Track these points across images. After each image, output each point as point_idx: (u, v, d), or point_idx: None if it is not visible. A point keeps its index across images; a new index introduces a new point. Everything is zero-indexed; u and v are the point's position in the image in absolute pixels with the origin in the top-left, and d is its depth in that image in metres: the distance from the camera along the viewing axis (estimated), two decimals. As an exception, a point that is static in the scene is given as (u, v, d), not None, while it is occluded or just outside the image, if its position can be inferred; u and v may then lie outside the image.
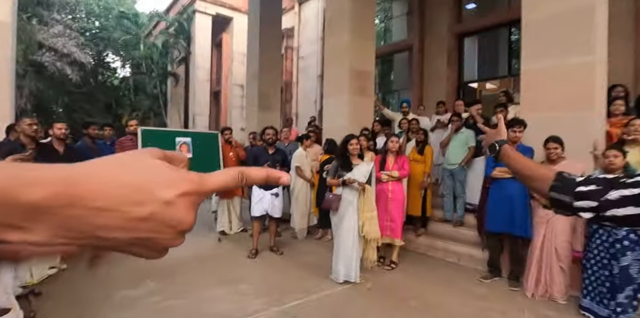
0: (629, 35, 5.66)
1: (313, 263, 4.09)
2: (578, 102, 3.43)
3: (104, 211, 0.25)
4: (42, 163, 0.25)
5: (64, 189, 0.23)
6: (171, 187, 0.27)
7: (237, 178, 0.31)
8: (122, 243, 0.27)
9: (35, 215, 0.23)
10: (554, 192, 0.84)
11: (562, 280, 3.16)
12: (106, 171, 0.26)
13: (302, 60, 12.04)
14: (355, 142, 3.58)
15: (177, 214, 0.27)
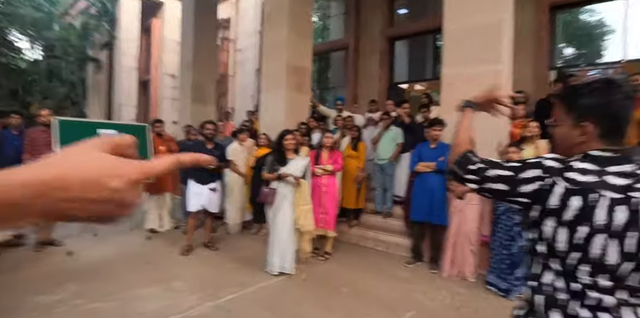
0: (531, 48, 6.52)
1: (248, 257, 4.11)
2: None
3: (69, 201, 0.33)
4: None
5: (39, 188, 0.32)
6: (119, 177, 0.35)
7: (175, 161, 0.40)
8: (81, 219, 0.35)
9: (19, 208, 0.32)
10: (455, 165, 1.07)
11: (472, 261, 3.61)
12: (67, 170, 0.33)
13: (240, 53, 11.76)
14: (290, 137, 3.66)
15: (125, 197, 0.35)
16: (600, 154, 0.92)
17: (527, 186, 0.92)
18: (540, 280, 0.94)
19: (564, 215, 0.87)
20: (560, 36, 7.34)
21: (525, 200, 0.93)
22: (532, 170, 0.93)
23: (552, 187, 0.89)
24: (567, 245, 0.88)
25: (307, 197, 3.61)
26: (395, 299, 3.18)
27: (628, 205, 0.85)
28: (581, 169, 0.89)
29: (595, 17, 11.21)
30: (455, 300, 3.20)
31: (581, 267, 0.88)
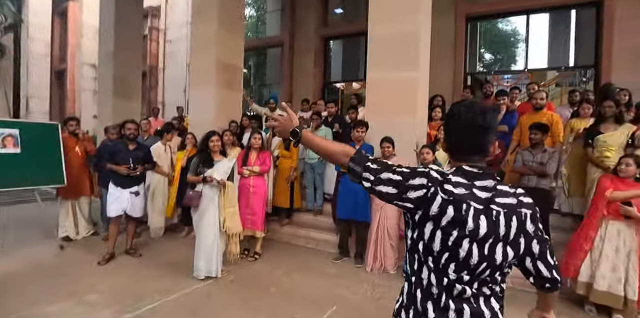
0: (449, 55, 7.09)
1: (174, 263, 3.97)
2: (406, 108, 4.18)
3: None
4: None
5: None
6: None
7: None
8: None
9: None
10: (352, 163, 1.10)
11: (393, 255, 3.88)
12: None
13: (170, 45, 11.13)
14: (215, 138, 3.60)
15: None
16: (470, 169, 1.05)
17: (414, 193, 1.01)
18: (419, 275, 1.06)
19: (441, 221, 0.99)
20: (477, 44, 8.06)
21: (410, 205, 1.02)
22: (419, 178, 1.02)
23: (434, 196, 0.99)
24: (440, 246, 1.00)
25: (233, 199, 3.58)
26: (320, 295, 3.31)
27: (489, 216, 0.99)
28: (455, 182, 1.01)
29: (508, 27, 12.46)
30: (376, 292, 3.43)
31: (450, 264, 1.01)
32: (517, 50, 10.97)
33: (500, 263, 1.01)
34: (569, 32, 7.36)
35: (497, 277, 1.04)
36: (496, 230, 0.99)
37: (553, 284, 1.10)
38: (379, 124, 4.21)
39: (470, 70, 7.66)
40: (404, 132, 4.13)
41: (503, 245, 1.00)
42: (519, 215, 1.02)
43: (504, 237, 1.00)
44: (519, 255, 1.04)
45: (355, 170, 1.09)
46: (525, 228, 1.03)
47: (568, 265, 3.08)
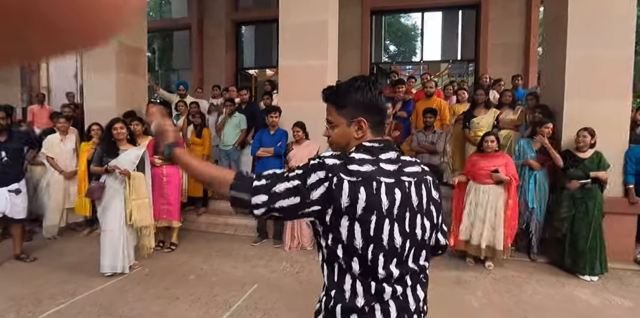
0: (357, 45, 7.53)
1: (78, 263, 3.66)
2: (316, 95, 4.37)
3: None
4: None
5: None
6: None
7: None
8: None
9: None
10: (233, 191, 0.90)
11: (308, 232, 4.15)
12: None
13: (54, 21, 9.69)
14: (119, 126, 3.37)
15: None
16: (371, 145, 0.98)
17: (317, 191, 0.89)
18: (340, 287, 0.93)
19: (357, 210, 0.88)
20: (381, 36, 8.69)
21: (318, 207, 0.90)
22: (316, 172, 0.90)
23: (340, 184, 0.88)
24: (362, 240, 0.89)
25: (142, 190, 3.40)
26: (241, 276, 3.41)
27: (402, 188, 0.94)
28: (360, 159, 0.93)
29: (409, 22, 13.59)
30: (294, 267, 3.65)
31: (379, 257, 0.90)
32: (416, 43, 12.11)
33: (421, 238, 0.97)
34: (457, 29, 8.39)
35: (422, 261, 0.99)
36: (409, 202, 0.94)
37: (444, 250, 1.12)
38: (292, 110, 4.38)
39: (376, 60, 8.26)
40: (316, 117, 4.35)
41: (421, 217, 0.97)
42: (426, 182, 1.00)
43: (418, 208, 0.96)
44: (435, 226, 1.01)
45: (241, 198, 0.90)
46: (432, 195, 1.01)
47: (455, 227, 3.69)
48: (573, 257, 3.49)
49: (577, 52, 3.85)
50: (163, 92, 6.21)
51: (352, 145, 1.00)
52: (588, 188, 3.52)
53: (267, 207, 0.90)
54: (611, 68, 3.78)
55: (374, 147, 0.98)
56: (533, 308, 2.84)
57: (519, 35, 7.06)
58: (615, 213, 3.65)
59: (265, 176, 0.93)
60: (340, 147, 1.05)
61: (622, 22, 3.78)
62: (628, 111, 3.88)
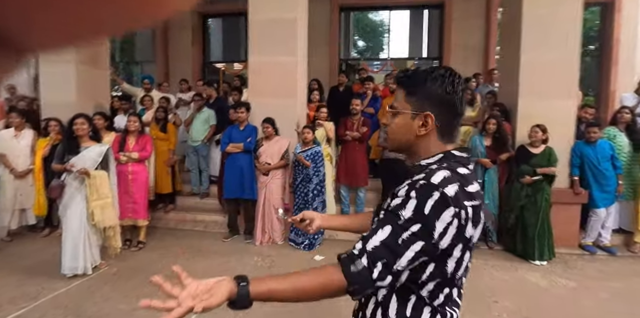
0: (325, 41, 7.58)
1: (40, 264, 3.52)
2: (286, 91, 4.45)
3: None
4: None
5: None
6: None
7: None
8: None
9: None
10: (357, 295, 0.75)
11: (279, 227, 4.21)
12: None
13: None
14: (81, 121, 3.24)
15: None
16: (461, 154, 0.82)
17: (446, 237, 0.73)
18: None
19: (472, 237, 0.76)
20: (350, 33, 8.79)
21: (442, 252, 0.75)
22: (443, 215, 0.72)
23: (467, 216, 0.73)
24: (464, 269, 0.80)
25: (104, 190, 3.26)
26: (212, 272, 3.34)
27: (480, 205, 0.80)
28: (466, 176, 0.78)
29: (377, 19, 13.78)
30: (266, 261, 3.71)
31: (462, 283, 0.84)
32: (383, 39, 12.34)
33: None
34: (423, 28, 8.63)
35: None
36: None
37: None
38: (262, 106, 4.39)
39: (344, 57, 8.35)
40: (286, 113, 4.41)
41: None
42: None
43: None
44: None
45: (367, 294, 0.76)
46: None
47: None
48: (524, 244, 3.79)
49: (529, 53, 4.13)
50: (126, 86, 5.98)
51: (419, 147, 0.84)
52: (537, 182, 3.82)
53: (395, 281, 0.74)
54: (559, 69, 4.09)
55: (464, 157, 0.82)
56: (488, 290, 3.08)
57: (479, 36, 7.40)
58: (562, 203, 3.99)
59: (377, 257, 0.72)
60: (396, 143, 0.88)
61: (569, 25, 4.09)
62: (574, 109, 4.23)
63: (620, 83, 6.66)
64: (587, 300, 2.99)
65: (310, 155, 4.02)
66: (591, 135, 3.98)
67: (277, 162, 4.11)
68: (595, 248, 4.06)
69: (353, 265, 0.72)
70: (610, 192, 3.99)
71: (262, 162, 4.10)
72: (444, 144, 0.84)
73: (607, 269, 3.63)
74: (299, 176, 4.09)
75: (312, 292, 0.74)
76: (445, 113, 0.82)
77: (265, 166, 4.08)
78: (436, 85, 0.81)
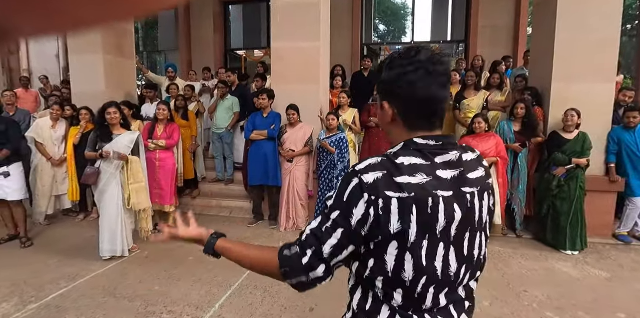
0: (347, 26, 7.43)
1: (76, 247, 3.70)
2: (309, 77, 4.40)
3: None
4: None
5: None
6: None
7: None
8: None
9: None
10: (289, 280, 0.77)
11: (304, 213, 4.25)
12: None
13: None
14: (113, 110, 3.33)
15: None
16: (425, 142, 0.76)
17: (366, 226, 0.72)
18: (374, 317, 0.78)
19: (408, 234, 0.71)
20: (371, 16, 8.56)
21: (364, 240, 0.74)
22: (357, 203, 0.72)
23: (388, 206, 0.70)
24: (413, 272, 0.72)
25: (139, 175, 3.41)
26: (238, 257, 3.50)
27: (462, 203, 0.75)
28: (410, 166, 0.73)
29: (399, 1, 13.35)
30: (290, 248, 3.77)
31: (429, 289, 0.74)
32: (406, 23, 11.98)
33: (477, 258, 0.80)
34: (447, 10, 8.31)
35: (473, 282, 0.82)
36: (471, 219, 0.76)
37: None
38: (285, 93, 4.37)
39: (367, 41, 8.18)
40: (309, 99, 4.38)
41: (480, 235, 0.79)
42: (488, 188, 0.81)
43: (478, 224, 0.78)
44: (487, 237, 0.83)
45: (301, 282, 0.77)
46: (489, 204, 0.82)
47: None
48: (555, 233, 3.68)
49: (564, 34, 3.90)
50: (151, 75, 6.08)
51: (396, 137, 0.81)
52: (571, 169, 3.67)
53: (329, 272, 0.76)
54: (598, 50, 3.85)
55: (428, 145, 0.76)
56: (517, 280, 3.03)
57: (508, 17, 7.06)
58: (597, 191, 3.83)
59: (307, 244, 0.75)
60: (385, 131, 0.87)
61: (609, 4, 3.83)
62: (612, 93, 4.00)
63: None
64: (622, 291, 2.89)
65: (335, 141, 4.00)
66: (630, 120, 3.76)
67: (301, 149, 4.12)
68: (631, 239, 3.91)
69: (287, 250, 0.77)
70: (650, 180, 3.80)
71: (286, 149, 4.12)
72: (411, 132, 0.79)
73: (644, 260, 3.50)
74: (323, 163, 4.08)
75: (255, 263, 0.82)
76: (401, 100, 0.78)
77: (289, 153, 4.10)
78: (388, 72, 0.78)
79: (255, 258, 0.82)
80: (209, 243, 0.88)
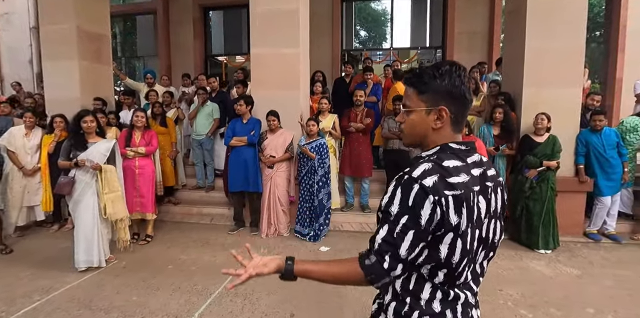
0: (328, 32, 7.52)
1: (51, 259, 3.59)
2: (289, 83, 4.43)
3: None
4: None
5: None
6: None
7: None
8: None
9: None
10: (376, 284, 0.87)
11: (285, 219, 4.25)
12: None
13: (3, 4, 8.98)
14: (90, 119, 3.27)
15: None
16: (459, 147, 0.90)
17: (433, 223, 0.82)
18: (418, 295, 0.89)
19: (460, 225, 0.83)
20: (352, 23, 8.69)
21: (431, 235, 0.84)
22: (423, 205, 0.81)
23: (448, 204, 0.81)
24: (459, 256, 0.85)
25: (114, 183, 3.35)
26: (220, 265, 3.47)
27: (485, 195, 0.88)
28: (455, 168, 0.86)
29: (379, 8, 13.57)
30: (272, 253, 3.76)
31: (465, 267, 0.88)
32: (386, 29, 12.18)
33: (492, 241, 0.93)
34: (425, 17, 8.51)
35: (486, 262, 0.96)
36: (490, 208, 0.90)
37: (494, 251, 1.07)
38: (265, 98, 4.38)
39: (347, 47, 8.29)
40: (289, 105, 4.40)
41: (495, 222, 0.93)
42: (501, 185, 0.95)
43: (493, 213, 0.92)
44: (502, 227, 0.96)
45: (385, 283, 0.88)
46: (504, 198, 0.96)
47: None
48: (529, 233, 3.81)
49: (534, 42, 4.07)
50: (129, 81, 5.99)
51: (431, 140, 0.93)
52: (542, 171, 3.81)
53: (406, 267, 0.86)
54: (565, 56, 4.03)
55: (460, 149, 0.90)
56: (494, 279, 3.10)
57: (483, 23, 7.29)
58: (567, 192, 3.98)
59: (383, 251, 0.84)
60: (413, 138, 0.97)
61: (575, 11, 4.01)
62: (579, 97, 4.18)
63: (626, 70, 6.55)
64: (591, 287, 3.01)
65: (315, 147, 4.03)
66: (597, 123, 3.94)
67: (282, 155, 4.13)
68: (600, 236, 4.07)
69: (367, 260, 0.86)
70: (616, 179, 3.98)
71: (267, 155, 4.12)
72: (454, 134, 0.92)
73: (612, 257, 3.64)
74: (303, 168, 4.11)
75: (339, 277, 0.90)
76: (457, 104, 0.90)
77: (269, 159, 4.10)
78: (445, 80, 0.88)
79: (338, 273, 0.90)
80: (286, 270, 0.93)
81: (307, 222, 4.11)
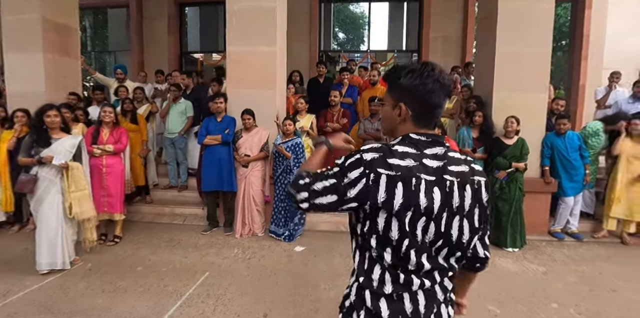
0: (305, 32, 7.52)
1: (9, 261, 3.39)
2: (266, 82, 4.39)
3: None
4: None
5: None
6: None
7: None
8: None
9: None
10: (289, 187, 0.99)
11: (260, 219, 4.20)
12: None
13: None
14: (54, 113, 3.11)
15: None
16: (418, 138, 0.95)
17: (354, 189, 0.90)
18: (369, 276, 0.96)
19: (394, 205, 0.88)
20: (330, 24, 8.73)
21: (355, 204, 0.92)
22: (354, 170, 0.91)
23: (378, 180, 0.88)
24: (398, 233, 0.90)
25: (81, 182, 3.20)
26: (191, 265, 3.39)
27: (443, 187, 0.91)
28: (402, 153, 0.92)
29: (357, 10, 13.71)
30: (246, 253, 3.70)
31: (411, 251, 0.91)
32: (364, 32, 12.32)
33: (457, 240, 0.94)
34: (402, 21, 8.66)
35: (454, 261, 0.98)
36: (449, 202, 0.92)
37: (484, 263, 1.07)
38: (241, 97, 4.32)
39: (325, 48, 8.31)
40: (265, 104, 4.36)
41: (459, 219, 0.94)
42: (473, 183, 0.95)
43: (457, 209, 0.93)
44: (475, 230, 0.97)
45: (291, 193, 0.98)
46: (481, 197, 0.96)
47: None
48: (497, 232, 3.94)
49: (503, 48, 4.22)
50: (99, 76, 5.76)
51: (399, 131, 1.00)
52: (511, 172, 3.96)
53: (308, 202, 0.95)
54: (532, 63, 4.21)
55: (420, 140, 0.95)
56: (464, 278, 3.18)
57: (457, 28, 7.51)
58: (533, 192, 4.15)
59: (310, 174, 0.99)
60: (386, 128, 1.07)
61: (542, 20, 4.20)
62: (545, 102, 4.37)
63: (589, 77, 6.92)
64: (556, 283, 3.15)
65: (291, 146, 4.01)
66: (561, 127, 4.13)
67: (257, 154, 4.08)
68: (564, 235, 4.26)
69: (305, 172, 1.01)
70: (578, 181, 4.18)
71: (241, 154, 4.06)
72: (417, 129, 0.98)
73: (574, 254, 3.82)
74: (279, 168, 4.08)
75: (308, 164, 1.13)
76: (416, 103, 0.96)
77: (244, 158, 4.05)
78: (408, 79, 0.94)
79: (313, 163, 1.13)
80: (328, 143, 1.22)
81: (282, 222, 4.08)
